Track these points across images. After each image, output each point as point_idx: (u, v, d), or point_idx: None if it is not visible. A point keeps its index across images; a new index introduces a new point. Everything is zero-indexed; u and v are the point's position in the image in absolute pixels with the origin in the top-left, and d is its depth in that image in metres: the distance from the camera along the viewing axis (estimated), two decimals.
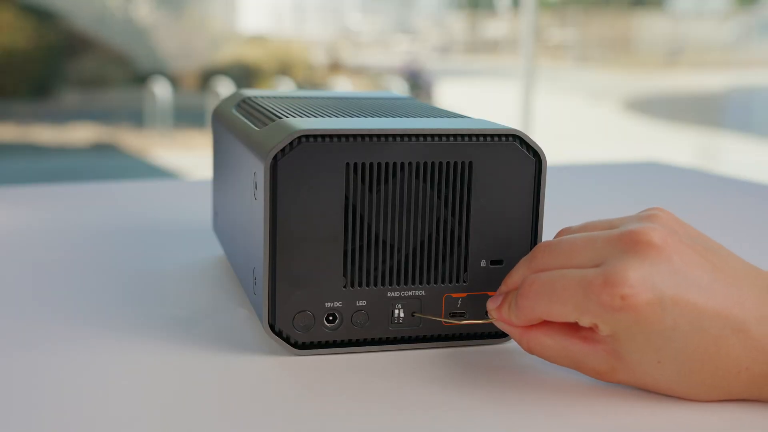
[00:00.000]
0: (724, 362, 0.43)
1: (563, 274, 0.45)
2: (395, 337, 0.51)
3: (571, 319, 0.45)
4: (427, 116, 0.55)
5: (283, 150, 0.48)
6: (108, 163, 5.26)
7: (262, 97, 0.65)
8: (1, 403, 0.43)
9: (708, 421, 0.43)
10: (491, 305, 0.49)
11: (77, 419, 0.42)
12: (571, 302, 0.44)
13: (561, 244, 0.47)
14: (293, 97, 0.66)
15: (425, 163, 0.50)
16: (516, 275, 0.48)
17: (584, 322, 0.44)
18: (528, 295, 0.46)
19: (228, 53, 6.26)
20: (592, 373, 0.46)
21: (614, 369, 0.45)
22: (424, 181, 0.50)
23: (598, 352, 0.45)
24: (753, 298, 0.44)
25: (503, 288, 0.49)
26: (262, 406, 0.44)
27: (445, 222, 0.51)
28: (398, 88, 6.03)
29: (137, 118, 5.65)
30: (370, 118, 0.53)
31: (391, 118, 0.53)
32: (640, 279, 0.42)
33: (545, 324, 0.47)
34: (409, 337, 0.52)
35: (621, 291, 0.42)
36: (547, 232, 0.80)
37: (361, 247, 0.50)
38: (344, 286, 0.50)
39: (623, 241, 0.44)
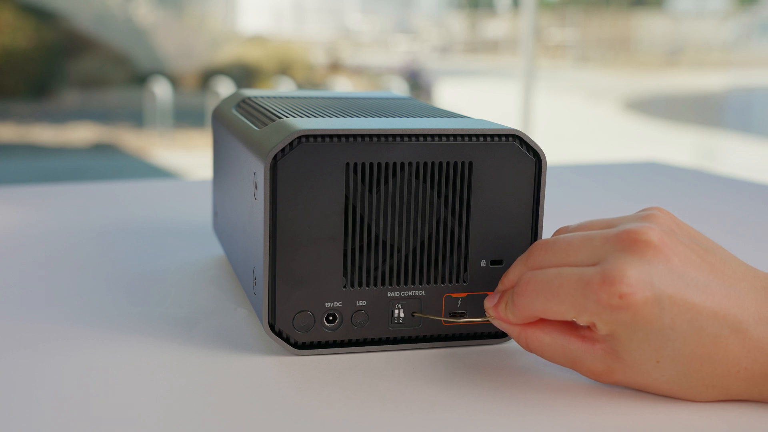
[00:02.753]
0: (723, 362, 0.43)
1: (560, 272, 0.45)
2: (395, 337, 0.51)
3: (569, 317, 0.45)
4: (427, 116, 0.55)
5: (283, 150, 0.48)
6: (108, 163, 5.26)
7: (262, 97, 0.65)
8: (1, 402, 0.43)
9: (708, 421, 0.43)
10: (488, 304, 0.49)
11: (77, 418, 0.42)
12: (568, 300, 0.44)
13: (558, 242, 0.47)
14: (293, 97, 0.66)
15: (425, 163, 0.50)
16: (513, 274, 0.48)
17: (582, 320, 0.44)
18: (524, 292, 0.46)
19: (228, 53, 6.25)
20: (589, 373, 0.46)
21: (612, 369, 0.45)
22: (424, 181, 0.50)
23: (596, 351, 0.45)
24: (751, 298, 0.44)
25: (500, 287, 0.49)
26: (262, 406, 0.44)
27: (445, 222, 0.51)
28: (398, 88, 6.03)
29: (137, 118, 5.65)
30: (370, 118, 0.53)
31: (391, 118, 0.53)
32: (638, 277, 0.42)
33: (543, 321, 0.47)
34: (409, 337, 0.52)
35: (619, 289, 0.42)
36: (547, 232, 0.80)
37: (361, 247, 0.50)
38: (344, 286, 0.50)
39: (621, 239, 0.44)
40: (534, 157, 0.51)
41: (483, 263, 0.51)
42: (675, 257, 0.43)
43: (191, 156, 5.35)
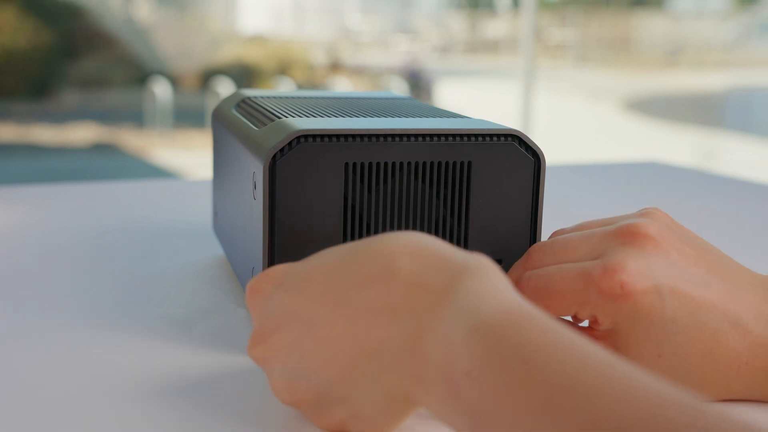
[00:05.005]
0: (724, 357, 0.43)
1: (561, 268, 0.45)
2: None
3: (571, 312, 0.45)
4: (427, 116, 0.55)
5: (282, 150, 0.48)
6: (108, 163, 5.26)
7: (262, 97, 0.65)
8: (1, 402, 0.43)
9: None
10: None
11: (76, 418, 0.42)
12: (570, 294, 0.44)
13: (557, 242, 0.47)
14: (293, 97, 0.66)
15: (424, 163, 0.50)
16: (511, 278, 0.48)
17: (584, 314, 0.44)
18: (526, 290, 0.46)
19: (228, 53, 6.26)
20: None
21: None
22: (424, 181, 0.50)
23: None
24: (750, 295, 0.44)
25: None
26: (261, 406, 0.44)
27: (444, 222, 0.51)
28: (398, 88, 6.03)
29: (137, 118, 5.65)
30: (370, 118, 0.53)
31: (390, 118, 0.53)
32: (638, 268, 0.43)
33: None
34: None
35: (620, 278, 0.43)
36: (546, 232, 0.80)
37: None
38: None
39: (621, 234, 0.44)
40: (533, 157, 0.51)
41: None
42: (674, 252, 0.44)
43: (191, 156, 5.35)
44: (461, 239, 0.51)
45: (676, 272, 0.43)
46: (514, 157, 0.51)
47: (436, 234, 0.51)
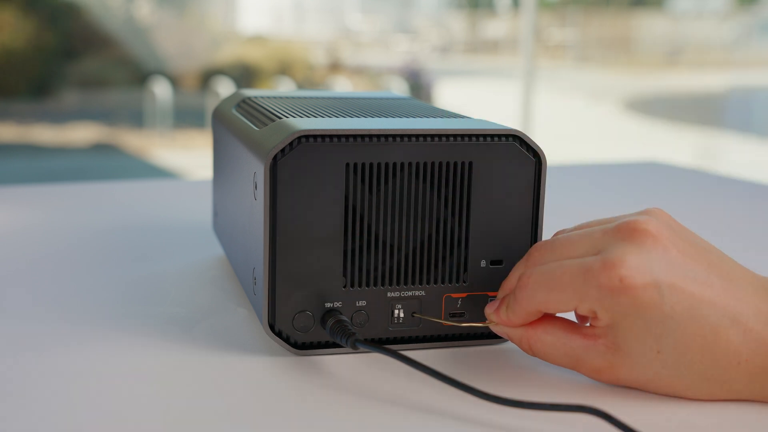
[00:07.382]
0: (724, 352, 0.43)
1: (561, 263, 0.46)
2: (395, 337, 0.51)
3: (570, 307, 0.45)
4: (427, 116, 0.55)
5: (282, 150, 0.48)
6: (108, 163, 5.26)
7: (262, 97, 0.65)
8: (1, 402, 0.43)
9: (709, 420, 0.43)
10: (489, 309, 0.49)
11: (76, 418, 0.42)
12: (570, 288, 0.45)
13: (558, 240, 0.47)
14: (293, 97, 0.66)
15: (425, 164, 0.50)
16: (513, 278, 0.49)
17: (583, 309, 0.45)
18: (526, 286, 0.46)
19: (228, 53, 6.26)
20: (592, 372, 0.46)
21: (614, 365, 0.45)
22: (424, 181, 0.50)
23: (598, 346, 0.46)
24: (749, 294, 0.44)
25: (500, 294, 0.49)
26: (262, 406, 0.44)
27: (445, 222, 0.51)
28: (398, 88, 6.03)
29: (137, 118, 5.65)
30: (370, 118, 0.53)
31: (391, 118, 0.53)
32: (637, 263, 0.43)
33: (545, 320, 0.47)
34: (409, 337, 0.52)
35: (619, 273, 0.43)
36: (547, 233, 0.80)
37: (360, 247, 0.50)
38: (344, 286, 0.50)
39: (620, 231, 0.45)
40: (534, 157, 0.51)
41: (483, 263, 0.51)
42: (673, 248, 0.44)
43: (191, 156, 5.35)
44: (462, 239, 0.51)
45: (675, 268, 0.43)
46: (515, 157, 0.51)
47: (437, 235, 0.51)
